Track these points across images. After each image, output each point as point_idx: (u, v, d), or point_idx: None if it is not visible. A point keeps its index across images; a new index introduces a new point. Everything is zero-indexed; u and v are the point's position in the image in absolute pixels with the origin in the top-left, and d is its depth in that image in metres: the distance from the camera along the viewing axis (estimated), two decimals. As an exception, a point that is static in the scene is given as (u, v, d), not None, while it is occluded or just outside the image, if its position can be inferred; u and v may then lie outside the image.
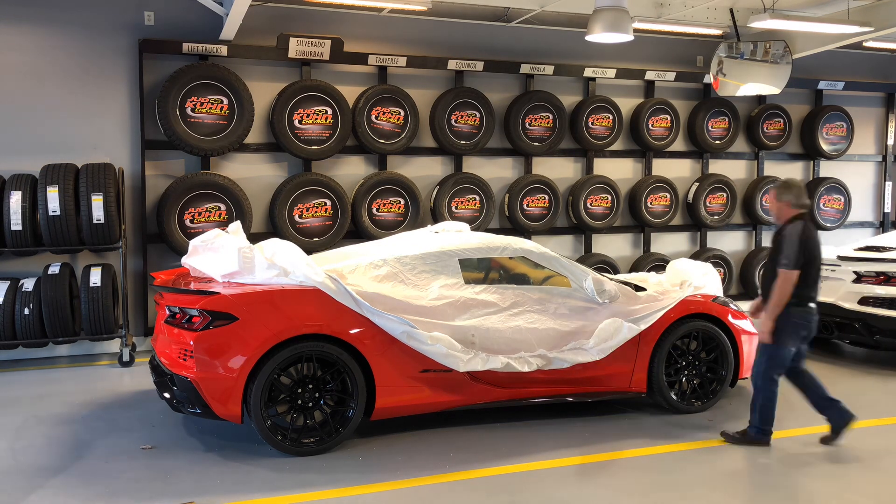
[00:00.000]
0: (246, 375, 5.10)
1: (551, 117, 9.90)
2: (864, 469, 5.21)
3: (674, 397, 6.18)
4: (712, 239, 11.22)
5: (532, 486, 4.83)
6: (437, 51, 9.48)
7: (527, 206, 9.85)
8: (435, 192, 9.52)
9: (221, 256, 5.62)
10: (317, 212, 8.80)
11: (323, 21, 8.97)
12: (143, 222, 8.35)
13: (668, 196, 10.58)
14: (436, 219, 9.24)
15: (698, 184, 10.80)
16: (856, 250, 8.35)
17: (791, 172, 11.65)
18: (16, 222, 7.31)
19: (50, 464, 5.10)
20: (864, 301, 7.68)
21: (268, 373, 5.13)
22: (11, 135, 7.95)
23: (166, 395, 5.41)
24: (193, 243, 5.94)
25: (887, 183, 12.33)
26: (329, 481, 4.84)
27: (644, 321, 5.99)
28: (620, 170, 10.62)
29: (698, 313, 6.25)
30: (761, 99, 11.22)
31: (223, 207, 8.35)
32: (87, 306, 7.45)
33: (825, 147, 11.50)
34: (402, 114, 9.13)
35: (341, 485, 4.79)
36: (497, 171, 9.98)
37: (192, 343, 5.10)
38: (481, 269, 6.10)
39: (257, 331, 5.12)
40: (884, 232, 11.98)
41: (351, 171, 9.30)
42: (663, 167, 10.83)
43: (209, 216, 8.31)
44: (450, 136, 9.40)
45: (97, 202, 7.41)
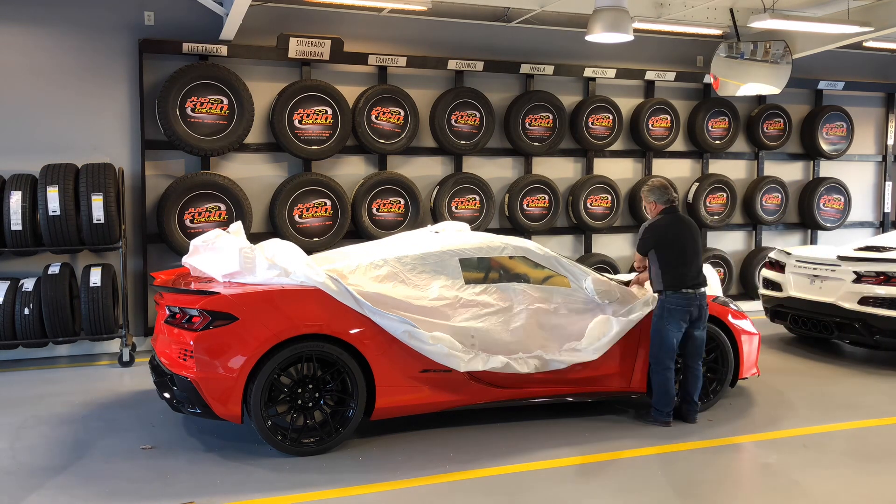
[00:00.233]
0: (246, 375, 5.10)
1: (551, 117, 9.90)
2: (865, 469, 5.21)
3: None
4: (712, 239, 11.22)
5: (532, 486, 4.83)
6: (437, 51, 9.48)
7: (527, 206, 9.85)
8: (435, 192, 9.53)
9: (222, 256, 5.63)
10: (317, 212, 8.80)
11: (323, 21, 8.97)
12: (143, 222, 8.35)
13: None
14: (436, 219, 9.24)
15: (698, 184, 10.81)
16: (856, 250, 8.36)
17: (791, 172, 11.66)
18: (16, 222, 7.31)
19: (50, 464, 5.10)
20: (864, 301, 7.68)
21: (268, 373, 5.13)
22: (11, 135, 7.95)
23: (166, 395, 5.41)
24: (194, 243, 5.94)
25: (887, 183, 12.33)
26: (329, 481, 4.84)
27: (633, 314, 6.00)
28: (620, 170, 10.63)
29: (698, 313, 6.25)
30: (761, 99, 11.22)
31: (223, 207, 8.36)
32: (87, 306, 7.45)
33: (825, 147, 11.50)
34: (402, 114, 9.13)
35: (341, 485, 4.79)
36: (497, 171, 9.98)
37: (192, 343, 5.10)
38: (481, 269, 6.11)
39: (257, 331, 5.12)
40: (884, 232, 11.97)
41: (351, 171, 9.30)
42: (663, 167, 10.83)
43: (209, 216, 8.31)
44: (450, 136, 9.41)
45: (97, 202, 7.41)
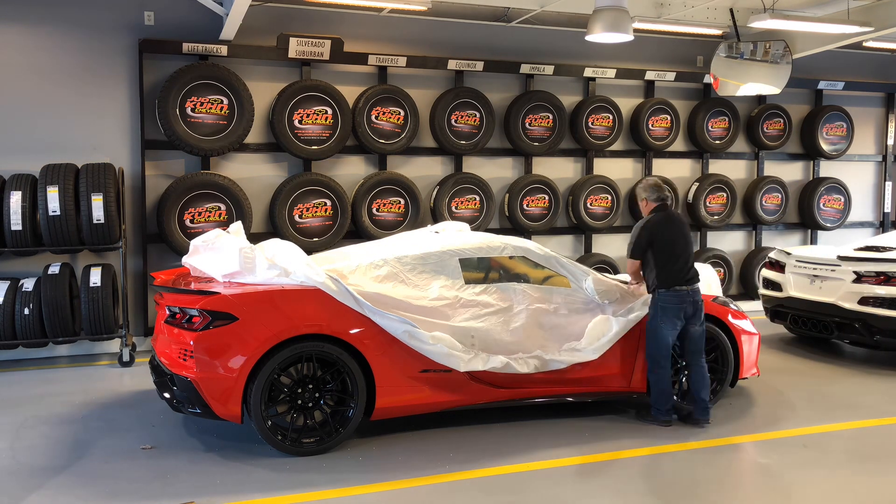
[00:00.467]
0: (246, 375, 5.10)
1: (551, 117, 9.90)
2: (865, 469, 5.21)
3: (674, 397, 6.17)
4: (712, 239, 11.22)
5: (532, 486, 4.83)
6: (437, 51, 9.48)
7: (527, 206, 9.85)
8: (435, 192, 9.52)
9: (223, 256, 5.62)
10: (317, 212, 8.80)
11: (323, 21, 8.97)
12: (143, 222, 8.35)
13: (669, 196, 10.56)
14: (436, 219, 9.24)
15: (698, 184, 10.80)
16: (856, 250, 8.36)
17: (791, 172, 11.66)
18: (16, 222, 7.31)
19: (50, 464, 5.10)
20: (864, 301, 7.68)
21: (268, 373, 5.13)
22: (11, 135, 7.95)
23: (166, 395, 5.41)
24: (194, 243, 5.94)
25: (887, 183, 12.33)
26: (329, 481, 4.84)
27: (632, 314, 6.00)
28: (620, 170, 10.62)
29: (698, 313, 6.25)
30: (761, 99, 11.22)
31: (223, 207, 8.36)
32: (87, 306, 7.45)
33: (825, 147, 11.50)
34: (402, 114, 9.13)
35: (341, 485, 4.79)
36: (497, 171, 9.98)
37: (192, 343, 5.10)
38: (481, 269, 6.10)
39: (257, 331, 5.12)
40: (884, 232, 11.97)
41: (351, 171, 9.30)
42: (663, 167, 10.83)
43: (209, 216, 8.31)
44: (450, 136, 9.40)
45: (97, 202, 7.41)
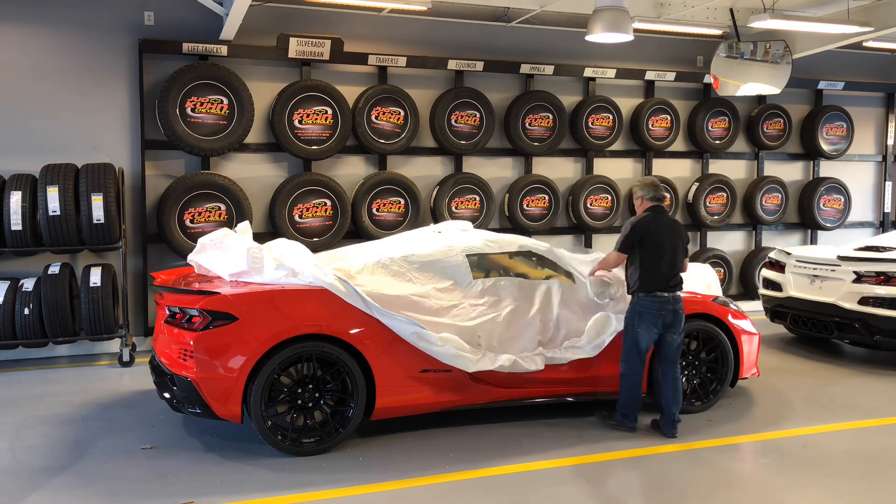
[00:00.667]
0: (246, 375, 5.10)
1: (551, 117, 9.90)
2: (865, 469, 5.21)
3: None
4: (712, 239, 11.22)
5: (532, 486, 4.83)
6: (437, 51, 9.48)
7: (527, 206, 9.84)
8: (435, 192, 9.52)
9: (230, 255, 5.62)
10: (317, 212, 8.80)
11: (323, 21, 8.97)
12: (143, 222, 8.35)
13: (668, 196, 10.58)
14: (436, 219, 9.23)
15: (698, 184, 10.80)
16: (856, 250, 8.36)
17: (791, 172, 11.66)
18: (16, 222, 7.31)
19: (50, 464, 5.10)
20: (864, 301, 7.67)
21: (268, 373, 5.13)
22: (11, 135, 7.95)
23: (166, 395, 5.41)
24: (202, 241, 5.94)
25: (887, 183, 12.33)
26: (329, 481, 4.84)
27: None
28: (620, 170, 10.62)
29: (698, 313, 6.25)
30: (761, 99, 11.22)
31: (223, 207, 8.36)
32: (87, 306, 7.45)
33: (825, 147, 11.50)
34: (402, 114, 9.13)
35: (341, 485, 4.79)
36: (497, 171, 9.98)
37: (192, 343, 5.10)
38: (485, 269, 6.07)
39: (257, 331, 5.12)
40: (884, 232, 11.97)
41: (351, 171, 9.30)
42: (663, 167, 10.83)
43: (209, 216, 8.31)
44: (450, 136, 9.40)
45: (97, 202, 7.41)
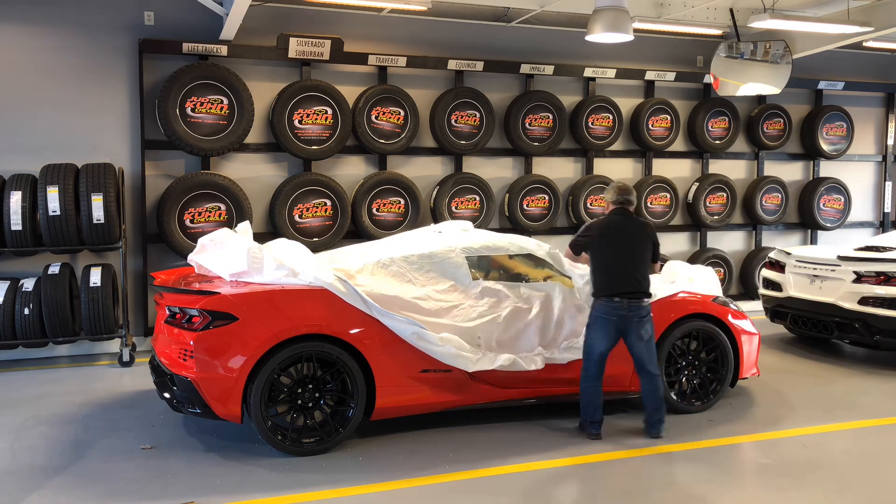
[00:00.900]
0: (246, 375, 5.10)
1: (551, 117, 9.90)
2: (864, 469, 5.21)
3: (674, 397, 6.17)
4: (712, 239, 11.22)
5: (532, 486, 4.83)
6: (437, 51, 9.48)
7: (527, 206, 9.85)
8: (435, 192, 9.52)
9: (230, 255, 5.62)
10: (317, 212, 8.80)
11: (323, 21, 8.97)
12: (143, 222, 8.35)
13: (668, 196, 10.58)
14: (436, 219, 9.23)
15: (698, 184, 10.80)
16: (856, 250, 8.35)
17: (791, 172, 11.65)
18: (16, 222, 7.31)
19: (50, 464, 5.10)
20: (864, 301, 7.67)
21: (268, 373, 5.13)
22: (11, 135, 7.95)
23: (166, 395, 5.41)
24: (202, 241, 5.94)
25: (887, 183, 12.33)
26: (329, 481, 4.84)
27: None
28: (620, 170, 10.62)
29: (698, 313, 6.25)
30: (761, 99, 11.22)
31: (223, 207, 8.36)
32: (87, 306, 7.45)
33: (825, 147, 11.50)
34: (402, 114, 9.13)
35: (341, 485, 4.79)
36: (497, 171, 9.98)
37: (192, 343, 5.10)
38: (485, 269, 6.07)
39: (257, 331, 5.12)
40: (884, 232, 11.97)
41: (351, 171, 9.30)
42: (663, 167, 10.83)
43: (209, 216, 8.31)
44: (450, 136, 9.40)
45: (97, 202, 7.41)
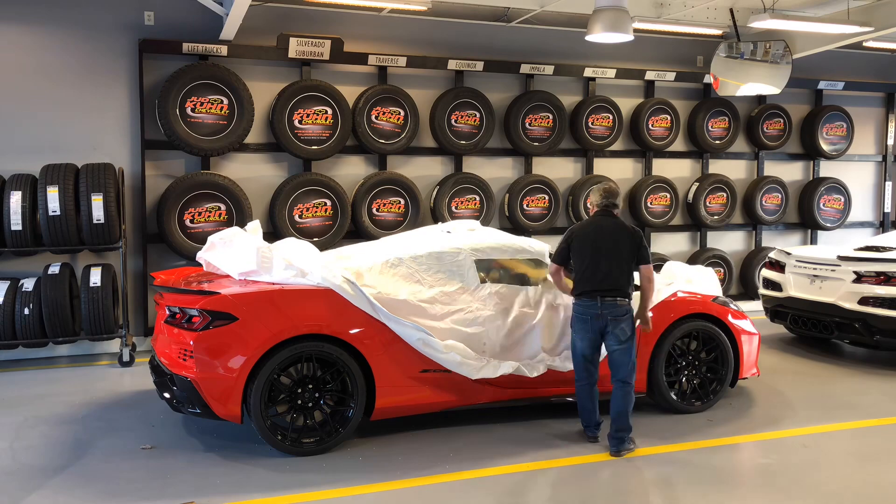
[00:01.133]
0: (246, 375, 5.10)
1: (551, 117, 9.90)
2: (865, 469, 5.22)
3: (674, 397, 6.18)
4: (712, 239, 11.22)
5: (532, 486, 4.83)
6: (437, 51, 9.48)
7: (527, 205, 9.84)
8: (435, 192, 9.52)
9: (240, 254, 5.63)
10: (317, 212, 8.80)
11: (323, 21, 8.97)
12: (143, 222, 8.35)
13: (668, 196, 10.58)
14: (436, 219, 9.23)
15: (698, 184, 10.80)
16: (856, 250, 8.35)
17: (791, 172, 11.65)
18: (16, 222, 7.31)
19: (50, 464, 5.10)
20: (864, 301, 7.67)
21: (268, 373, 5.13)
22: (11, 135, 7.95)
23: (166, 395, 5.41)
24: (211, 239, 5.97)
25: (887, 183, 12.33)
26: (329, 481, 4.84)
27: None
28: (620, 170, 10.62)
29: (698, 313, 6.25)
30: (761, 99, 11.22)
31: (223, 207, 8.36)
32: (87, 306, 7.45)
33: (825, 147, 11.50)
34: (402, 114, 9.13)
35: (341, 485, 4.79)
36: (497, 171, 9.98)
37: (191, 343, 5.10)
38: (490, 270, 5.99)
39: (257, 331, 5.12)
40: (884, 232, 11.97)
41: (351, 171, 9.30)
42: (663, 167, 10.83)
43: (209, 216, 8.31)
44: (450, 136, 9.40)
45: (97, 202, 7.41)
